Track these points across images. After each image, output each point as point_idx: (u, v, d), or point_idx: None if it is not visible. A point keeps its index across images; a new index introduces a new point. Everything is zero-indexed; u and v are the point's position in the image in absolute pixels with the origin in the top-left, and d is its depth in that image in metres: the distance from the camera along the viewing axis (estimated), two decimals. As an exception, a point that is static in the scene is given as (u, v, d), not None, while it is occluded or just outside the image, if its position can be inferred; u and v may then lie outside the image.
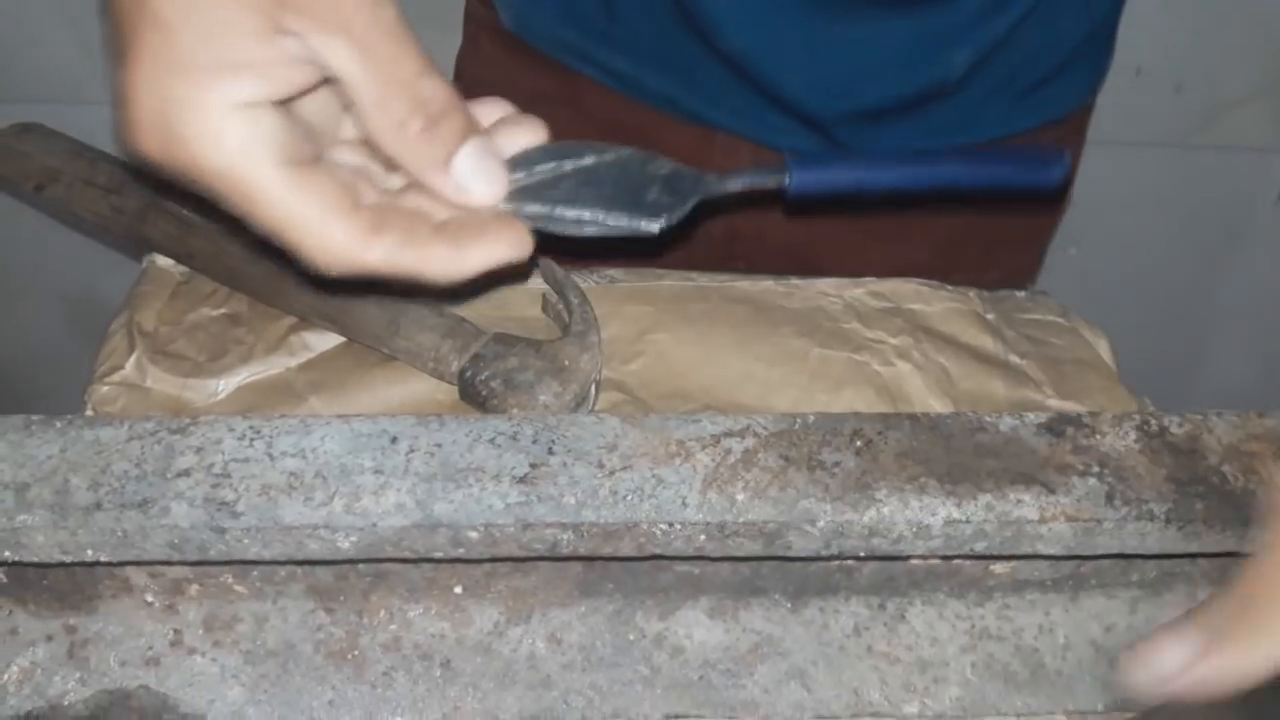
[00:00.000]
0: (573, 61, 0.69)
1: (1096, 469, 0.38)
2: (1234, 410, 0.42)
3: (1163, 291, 1.30)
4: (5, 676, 0.40)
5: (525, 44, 0.70)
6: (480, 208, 0.38)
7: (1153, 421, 0.40)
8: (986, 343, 0.57)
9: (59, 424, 0.39)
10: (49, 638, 0.41)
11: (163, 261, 0.59)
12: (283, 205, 0.36)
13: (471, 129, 0.38)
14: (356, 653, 0.41)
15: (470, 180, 0.38)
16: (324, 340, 0.55)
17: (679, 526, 0.36)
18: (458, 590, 0.42)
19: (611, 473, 0.37)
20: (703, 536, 0.36)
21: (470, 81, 0.77)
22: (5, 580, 0.41)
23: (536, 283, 0.59)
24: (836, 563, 0.41)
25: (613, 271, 0.61)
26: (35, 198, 0.62)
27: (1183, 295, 1.32)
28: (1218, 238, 1.28)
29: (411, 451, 0.37)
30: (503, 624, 0.42)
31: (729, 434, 0.39)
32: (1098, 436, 0.39)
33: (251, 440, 0.38)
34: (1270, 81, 1.14)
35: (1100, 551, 0.38)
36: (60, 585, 0.41)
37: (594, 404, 0.53)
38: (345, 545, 0.36)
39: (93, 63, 1.09)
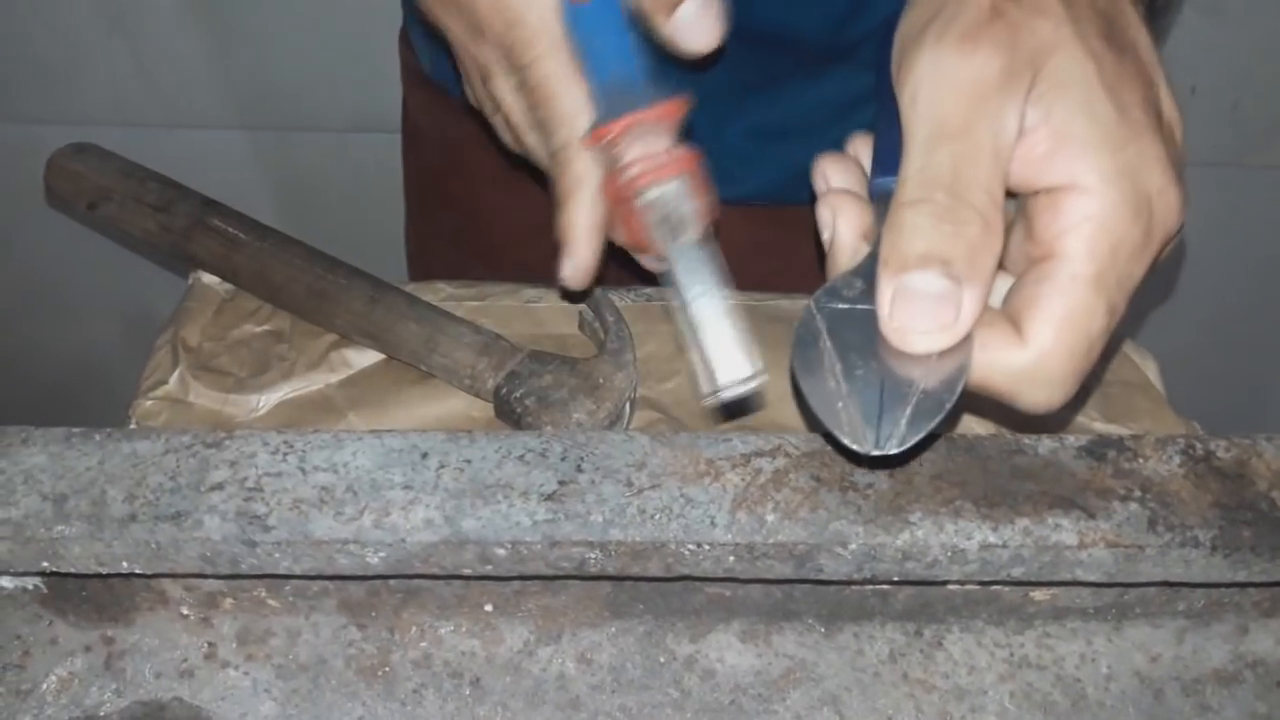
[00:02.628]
0: None
1: (1138, 494, 0.37)
2: (1286, 435, 0.40)
3: (1216, 314, 1.27)
4: (44, 686, 0.40)
5: (446, 91, 0.71)
6: (691, 54, 0.43)
7: (1198, 445, 0.39)
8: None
9: (98, 436, 0.39)
10: (87, 648, 0.42)
11: (208, 279, 0.60)
12: (548, 70, 0.43)
13: None
14: (387, 669, 0.41)
15: (686, 29, 0.42)
16: (364, 357, 0.56)
17: (707, 547, 0.36)
18: (488, 608, 0.42)
19: (640, 491, 0.37)
20: (731, 558, 0.36)
21: (411, 127, 0.78)
22: (46, 591, 0.41)
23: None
24: (871, 587, 0.40)
25: (649, 289, 0.61)
26: (88, 215, 0.63)
27: (1237, 318, 1.29)
28: (1274, 258, 1.25)
29: (441, 467, 0.37)
30: (533, 643, 0.42)
31: (759, 453, 0.38)
32: (1140, 460, 0.38)
33: (285, 454, 0.38)
34: (1329, 100, 1.11)
35: (1143, 579, 0.37)
36: (99, 597, 0.41)
37: (629, 423, 0.53)
38: (374, 560, 0.36)
39: (147, 85, 1.12)
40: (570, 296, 0.58)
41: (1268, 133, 1.13)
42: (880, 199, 0.41)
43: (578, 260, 0.45)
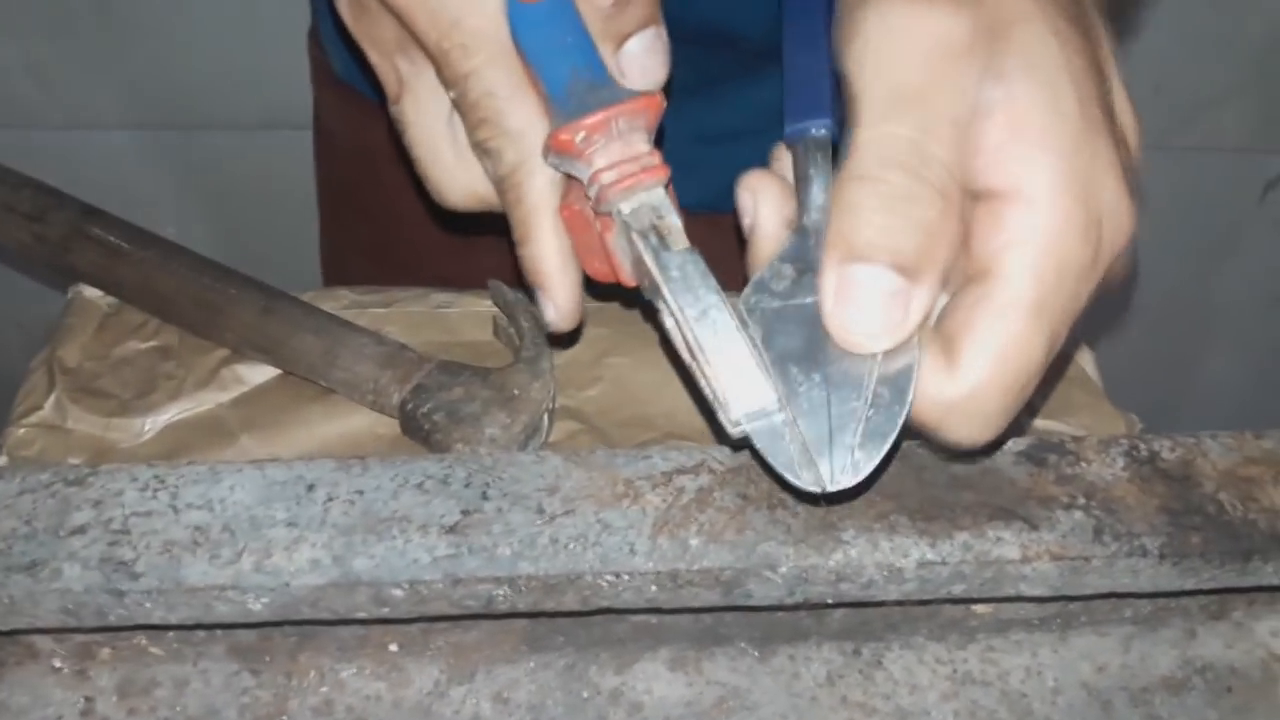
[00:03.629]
0: None
1: (1083, 501, 0.35)
2: (1227, 430, 0.39)
3: (1145, 296, 1.28)
4: (-103, 756, 0.36)
5: (360, 94, 0.67)
6: (636, 89, 0.38)
7: (1142, 446, 0.37)
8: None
9: (-55, 478, 0.35)
10: (-53, 710, 0.38)
11: (89, 292, 0.56)
12: (493, 81, 0.38)
13: (654, 21, 0.39)
14: (285, 718, 0.38)
15: (632, 64, 0.38)
16: (258, 373, 0.52)
17: (627, 577, 0.33)
18: (393, 648, 0.38)
19: (552, 518, 0.34)
20: (654, 587, 0.33)
21: (322, 131, 0.74)
22: (-104, 649, 0.37)
23: (488, 306, 0.56)
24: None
25: (569, 292, 0.57)
26: (-43, 227, 0.58)
27: (1166, 300, 1.30)
28: (1200, 240, 1.26)
29: (330, 500, 0.34)
30: (443, 683, 0.38)
31: (682, 471, 0.35)
32: (1083, 464, 0.36)
33: (155, 491, 0.35)
34: (1249, 80, 1.12)
35: (1089, 591, 0.35)
36: (-42, 652, 0.37)
37: (548, 435, 0.50)
38: (256, 607, 0.33)
39: (37, 85, 1.06)
40: (561, 340, 0.53)
41: (1188, 114, 1.14)
42: (801, 144, 0.38)
43: (560, 301, 0.39)
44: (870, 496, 0.35)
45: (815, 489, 0.31)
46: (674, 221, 0.36)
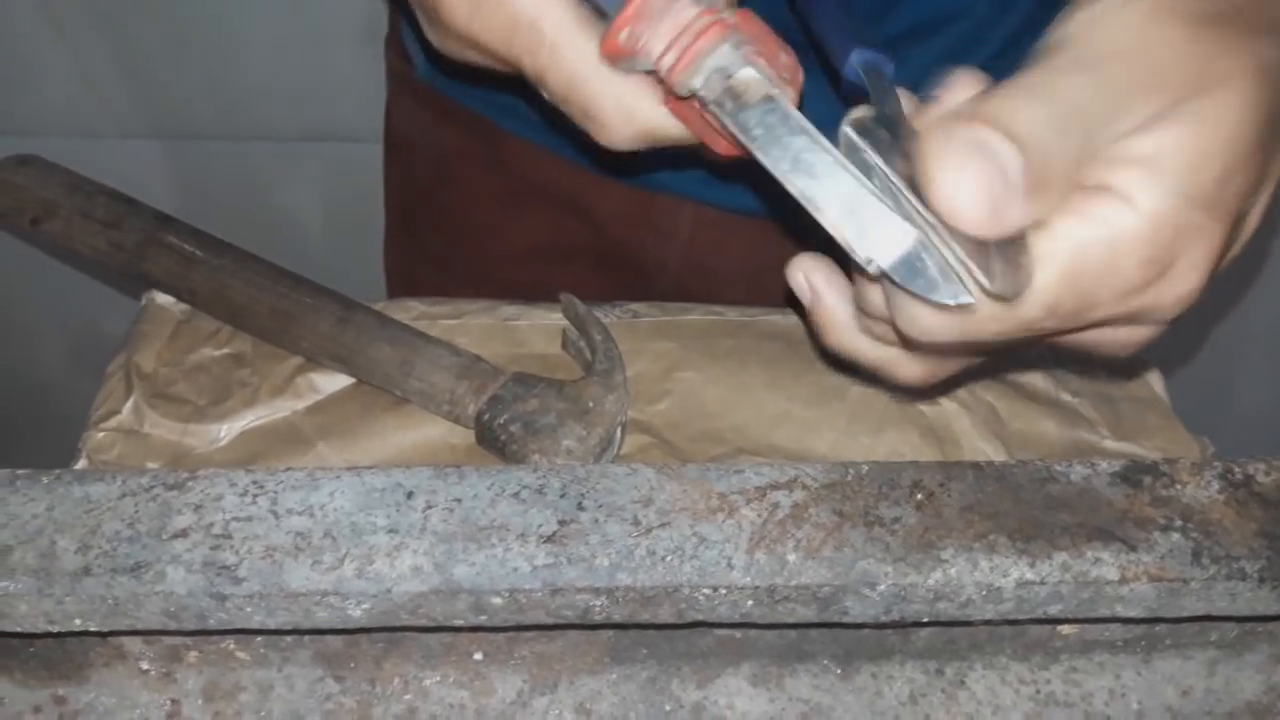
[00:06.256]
0: (491, 113, 0.66)
1: (1179, 523, 0.35)
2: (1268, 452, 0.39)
3: (1184, 317, 1.26)
4: (-13, 753, 0.37)
5: (444, 96, 0.67)
6: None
7: (1236, 469, 0.36)
8: (1035, 379, 0.54)
9: (46, 479, 0.36)
10: (36, 709, 0.38)
11: (162, 299, 0.56)
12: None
13: None
14: (368, 725, 0.38)
15: None
16: (332, 381, 0.52)
17: (724, 591, 0.33)
18: (478, 656, 0.38)
19: (648, 530, 0.34)
20: (750, 602, 0.33)
21: (397, 140, 0.74)
22: (-11, 648, 0.37)
23: (557, 319, 0.56)
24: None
25: (636, 306, 0.58)
26: (32, 232, 0.59)
27: (1207, 316, 1.29)
28: (1241, 261, 1.25)
29: (429, 508, 0.34)
30: (527, 693, 0.38)
31: (776, 486, 0.35)
32: (1178, 486, 0.36)
33: (255, 496, 0.35)
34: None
35: (1186, 613, 0.34)
36: (49, 653, 0.38)
37: (620, 447, 0.50)
38: (357, 613, 0.33)
39: (94, 95, 1.07)
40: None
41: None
42: (869, 71, 0.37)
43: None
44: (968, 515, 0.34)
45: (970, 300, 0.30)
46: (744, 74, 0.34)
